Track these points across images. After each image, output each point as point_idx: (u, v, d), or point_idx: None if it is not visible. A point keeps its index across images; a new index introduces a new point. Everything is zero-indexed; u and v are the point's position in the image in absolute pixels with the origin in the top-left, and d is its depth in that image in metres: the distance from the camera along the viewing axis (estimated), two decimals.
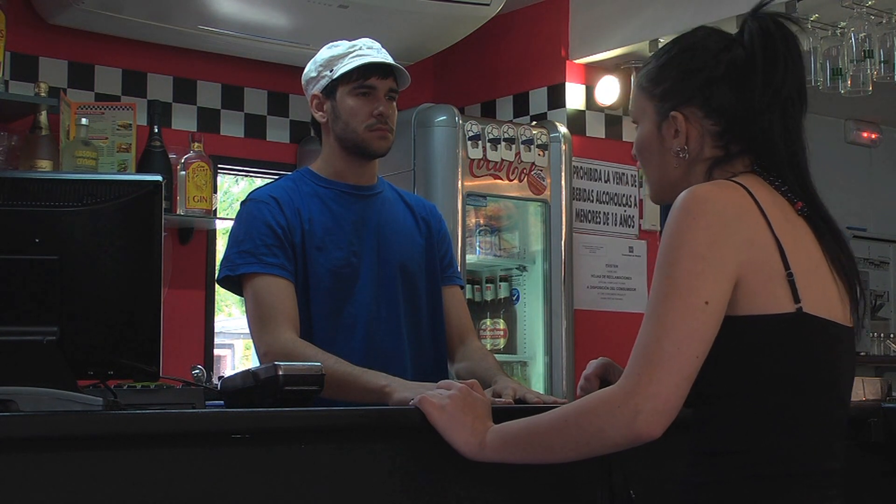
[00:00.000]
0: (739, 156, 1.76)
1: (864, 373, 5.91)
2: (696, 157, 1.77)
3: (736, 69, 1.75)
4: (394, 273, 2.64)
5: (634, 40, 4.83)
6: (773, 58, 1.73)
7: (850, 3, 4.30)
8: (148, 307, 1.87)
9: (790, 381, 1.67)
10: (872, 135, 7.07)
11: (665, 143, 1.79)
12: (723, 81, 1.75)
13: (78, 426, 1.62)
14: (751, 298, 1.63)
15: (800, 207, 1.73)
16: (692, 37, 1.82)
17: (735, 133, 1.75)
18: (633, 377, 1.61)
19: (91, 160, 4.17)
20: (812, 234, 1.73)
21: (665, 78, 1.79)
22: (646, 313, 1.64)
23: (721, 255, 1.62)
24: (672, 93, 1.78)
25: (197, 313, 4.83)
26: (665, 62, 1.80)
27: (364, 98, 2.61)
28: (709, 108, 1.76)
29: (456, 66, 5.55)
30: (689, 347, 1.60)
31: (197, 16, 4.46)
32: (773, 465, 1.66)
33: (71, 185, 1.87)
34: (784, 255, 1.65)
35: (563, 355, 4.76)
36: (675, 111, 1.77)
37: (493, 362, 2.64)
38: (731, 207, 1.65)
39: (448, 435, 1.79)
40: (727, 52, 1.76)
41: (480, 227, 4.83)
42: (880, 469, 2.50)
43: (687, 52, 1.79)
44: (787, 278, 1.65)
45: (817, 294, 1.68)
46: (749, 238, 1.64)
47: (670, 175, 1.80)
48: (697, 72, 1.76)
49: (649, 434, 1.59)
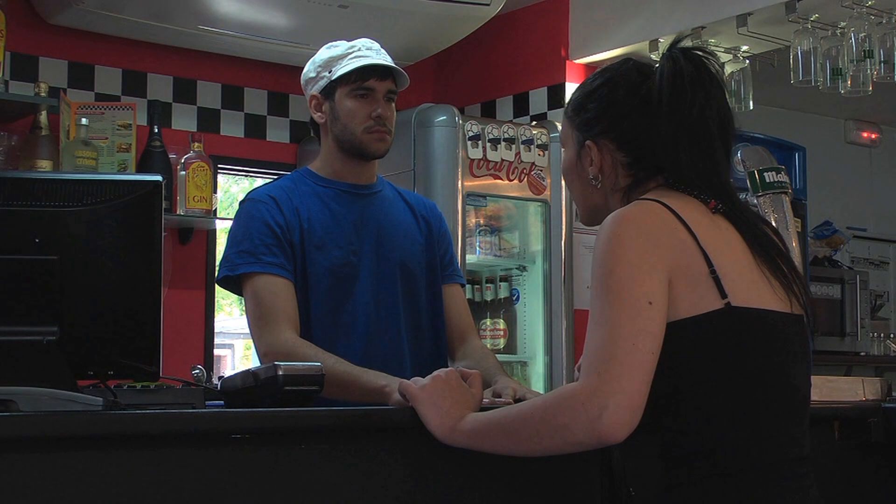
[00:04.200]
0: (651, 177, 1.84)
1: (864, 373, 5.91)
2: (612, 186, 1.86)
3: (645, 103, 1.82)
4: (393, 272, 2.64)
5: (634, 40, 4.83)
6: (679, 91, 1.78)
7: (850, 3, 4.30)
8: (148, 307, 1.87)
9: (734, 374, 1.70)
10: (872, 135, 7.08)
11: (584, 171, 1.88)
12: (634, 114, 1.83)
13: (78, 426, 1.62)
14: (682, 302, 1.68)
15: (713, 206, 1.78)
16: (615, 70, 1.89)
17: (645, 162, 1.83)
18: (593, 376, 1.63)
19: (91, 160, 4.17)
20: (734, 229, 1.78)
21: (585, 109, 1.88)
22: (590, 324, 1.68)
23: (651, 261, 1.67)
24: (589, 124, 1.86)
25: (197, 313, 4.83)
26: (587, 92, 1.89)
27: (362, 99, 2.61)
28: (620, 140, 1.84)
29: (456, 66, 5.55)
30: (644, 343, 1.63)
31: (197, 16, 4.47)
32: (738, 460, 1.69)
33: (71, 185, 1.87)
34: (706, 255, 1.70)
35: (563, 355, 4.76)
36: (589, 141, 1.85)
37: (494, 361, 2.64)
38: (651, 221, 1.72)
39: (423, 414, 1.81)
40: (642, 86, 1.83)
41: (480, 227, 4.83)
42: (880, 469, 2.50)
43: (606, 86, 1.87)
44: (711, 275, 1.69)
45: (745, 286, 1.72)
46: (672, 245, 1.70)
47: (591, 200, 1.90)
48: (612, 105, 1.85)
49: (613, 434, 1.60)
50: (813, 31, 4.41)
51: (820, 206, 6.24)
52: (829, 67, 4.41)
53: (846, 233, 6.38)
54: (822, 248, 6.19)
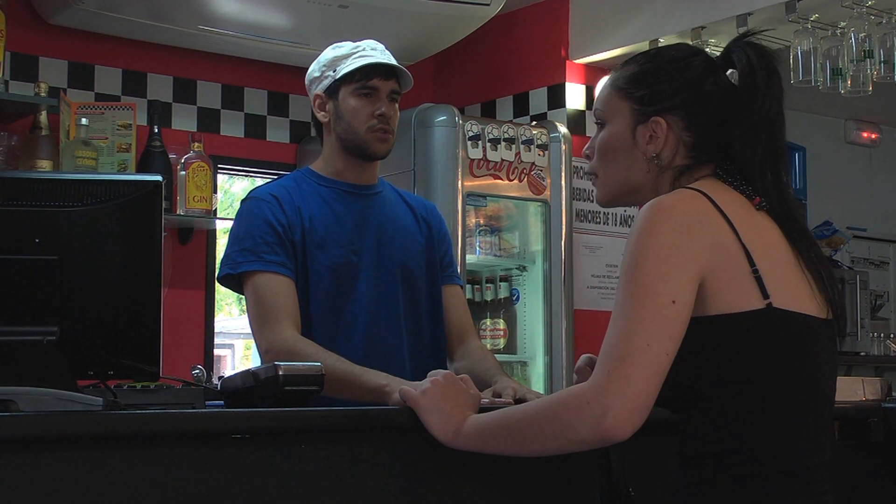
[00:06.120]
0: (706, 164, 1.80)
1: (864, 373, 5.90)
2: (667, 164, 1.80)
3: (720, 92, 1.80)
4: (394, 272, 2.64)
5: (634, 40, 4.83)
6: (753, 88, 1.77)
7: (850, 3, 4.30)
8: (148, 307, 1.87)
9: (768, 376, 1.68)
10: (872, 135, 7.08)
11: (637, 146, 1.82)
12: (708, 99, 1.80)
13: (78, 426, 1.62)
14: (719, 298, 1.66)
15: (758, 203, 1.76)
16: (678, 51, 1.86)
17: (707, 146, 1.79)
18: (603, 374, 1.62)
19: (91, 160, 4.17)
20: (778, 230, 1.76)
21: (650, 83, 1.81)
22: (612, 316, 1.66)
23: (685, 257, 1.65)
24: (658, 98, 1.80)
25: (197, 313, 4.83)
26: (650, 69, 1.83)
27: (366, 99, 2.62)
28: (690, 120, 1.79)
29: (456, 66, 5.55)
30: (659, 344, 1.61)
31: (197, 16, 4.46)
32: (762, 463, 1.67)
33: (71, 185, 1.86)
34: (749, 254, 1.68)
35: (563, 355, 4.76)
36: (658, 117, 1.80)
37: (493, 362, 2.64)
38: (692, 213, 1.68)
39: (425, 419, 1.81)
40: (712, 74, 1.81)
41: (480, 227, 4.83)
42: (880, 469, 2.50)
43: (676, 63, 1.82)
44: (754, 275, 1.67)
45: (787, 288, 1.70)
46: (711, 240, 1.67)
47: (634, 178, 1.84)
48: (688, 83, 1.80)
49: (616, 433, 1.59)
50: (813, 31, 4.41)
51: (820, 206, 6.24)
52: (829, 67, 4.41)
53: (846, 233, 6.38)
54: (822, 248, 6.17)
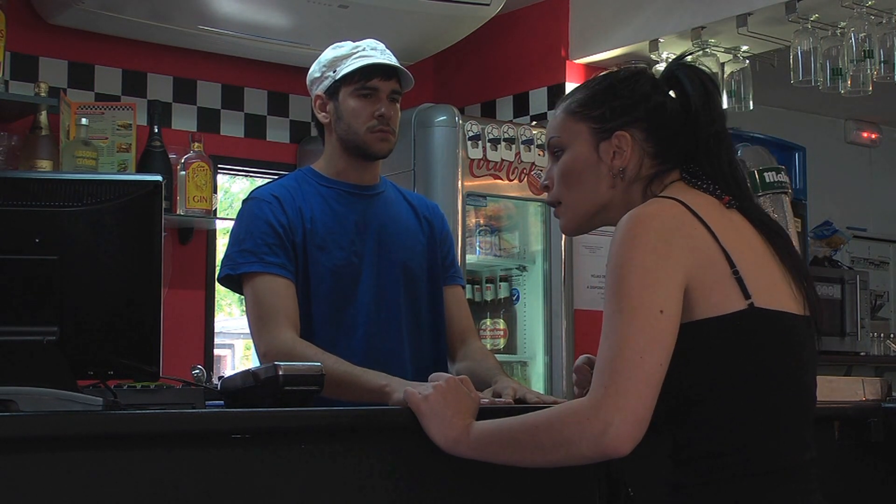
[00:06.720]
0: (672, 170, 1.84)
1: (864, 373, 5.91)
2: (633, 176, 1.83)
3: (671, 102, 1.85)
4: (395, 273, 2.64)
5: (634, 40, 4.83)
6: (707, 94, 1.83)
7: (850, 3, 4.30)
8: (148, 307, 1.87)
9: (756, 376, 1.69)
10: (872, 135, 7.08)
11: (601, 164, 1.84)
12: (664, 109, 1.84)
13: (78, 426, 1.62)
14: (704, 302, 1.67)
15: (727, 201, 1.78)
16: (625, 72, 1.90)
17: (669, 153, 1.83)
18: (599, 389, 1.63)
19: (91, 160, 4.17)
20: (752, 228, 1.78)
21: (605, 101, 1.85)
22: (603, 332, 1.67)
23: (668, 266, 1.66)
24: (616, 113, 1.84)
25: (197, 313, 4.83)
26: (601, 89, 1.87)
27: (366, 99, 2.61)
28: (651, 130, 1.83)
29: (456, 66, 5.55)
30: (652, 355, 1.62)
31: (197, 16, 4.46)
32: (753, 463, 1.68)
33: (71, 185, 1.86)
34: (728, 255, 1.69)
35: (563, 355, 4.76)
36: (621, 131, 1.82)
37: (494, 362, 2.63)
38: (670, 221, 1.70)
39: (425, 424, 1.81)
40: (659, 90, 1.86)
41: (480, 227, 4.83)
42: (880, 469, 2.50)
43: (626, 81, 1.87)
44: (734, 276, 1.69)
45: (767, 287, 1.72)
46: (691, 246, 1.69)
47: (602, 197, 1.85)
48: (643, 97, 1.84)
49: (618, 450, 1.60)
50: (813, 31, 4.41)
51: (820, 206, 6.23)
52: (829, 67, 4.41)
53: (846, 233, 6.38)
54: (822, 248, 6.19)
